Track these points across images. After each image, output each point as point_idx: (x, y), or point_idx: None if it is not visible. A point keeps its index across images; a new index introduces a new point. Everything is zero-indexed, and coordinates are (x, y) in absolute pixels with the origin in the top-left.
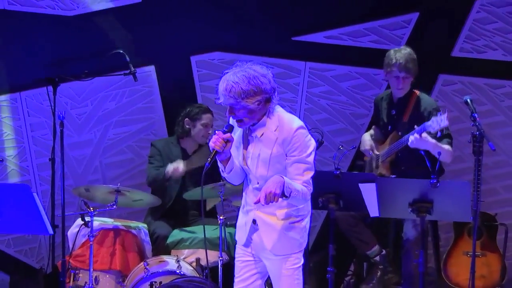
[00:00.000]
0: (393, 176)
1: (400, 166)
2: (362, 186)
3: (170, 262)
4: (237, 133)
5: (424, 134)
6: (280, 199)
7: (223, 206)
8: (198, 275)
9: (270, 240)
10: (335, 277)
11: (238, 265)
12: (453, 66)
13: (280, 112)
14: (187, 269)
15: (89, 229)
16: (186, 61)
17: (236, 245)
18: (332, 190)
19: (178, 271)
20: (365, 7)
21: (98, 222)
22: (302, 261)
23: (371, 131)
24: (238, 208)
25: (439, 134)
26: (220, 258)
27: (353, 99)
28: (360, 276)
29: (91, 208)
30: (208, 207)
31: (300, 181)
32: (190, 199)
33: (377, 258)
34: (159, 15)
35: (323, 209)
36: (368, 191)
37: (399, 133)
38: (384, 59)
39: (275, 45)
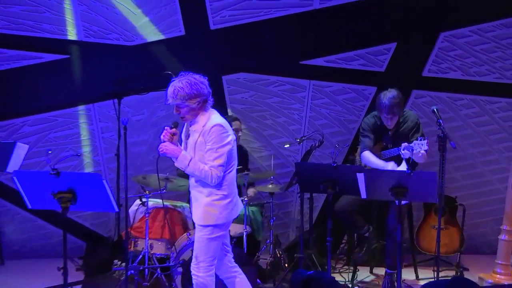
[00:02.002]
0: None
1: None
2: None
3: None
4: (184, 128)
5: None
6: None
7: (246, 190)
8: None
9: (195, 212)
10: (332, 244)
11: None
12: (423, 84)
13: (211, 112)
14: None
15: (145, 208)
16: (219, 79)
17: None
18: (330, 178)
19: None
20: (355, 38)
21: (152, 202)
22: (216, 235)
23: (365, 147)
24: (258, 192)
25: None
26: (245, 229)
27: (346, 108)
28: (352, 244)
29: (147, 192)
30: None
31: (209, 165)
32: None
33: (366, 234)
34: (198, 44)
35: (323, 192)
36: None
37: (384, 143)
38: (376, 100)
39: (287, 67)
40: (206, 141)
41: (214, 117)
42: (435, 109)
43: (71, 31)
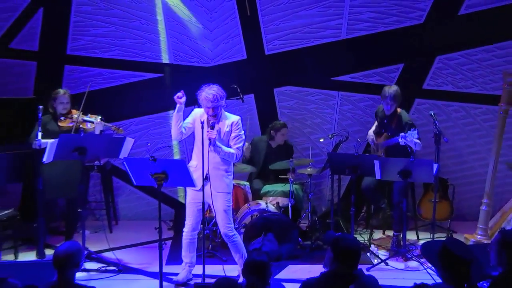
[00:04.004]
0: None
1: (392, 153)
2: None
3: (262, 204)
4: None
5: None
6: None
7: (291, 171)
8: (277, 211)
9: (220, 184)
10: (354, 213)
11: (193, 205)
12: (424, 94)
13: (223, 111)
14: (272, 208)
15: None
16: (271, 91)
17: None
18: (354, 164)
19: (266, 209)
20: (372, 60)
21: None
22: (231, 202)
23: (373, 128)
24: (299, 175)
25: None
26: (290, 202)
27: (365, 112)
28: (369, 213)
29: None
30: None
31: (235, 146)
32: (273, 168)
33: (383, 205)
34: (256, 65)
35: (348, 174)
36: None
37: (389, 134)
38: (381, 91)
39: (321, 82)
40: (233, 130)
41: (230, 114)
42: (432, 113)
43: (164, 56)
